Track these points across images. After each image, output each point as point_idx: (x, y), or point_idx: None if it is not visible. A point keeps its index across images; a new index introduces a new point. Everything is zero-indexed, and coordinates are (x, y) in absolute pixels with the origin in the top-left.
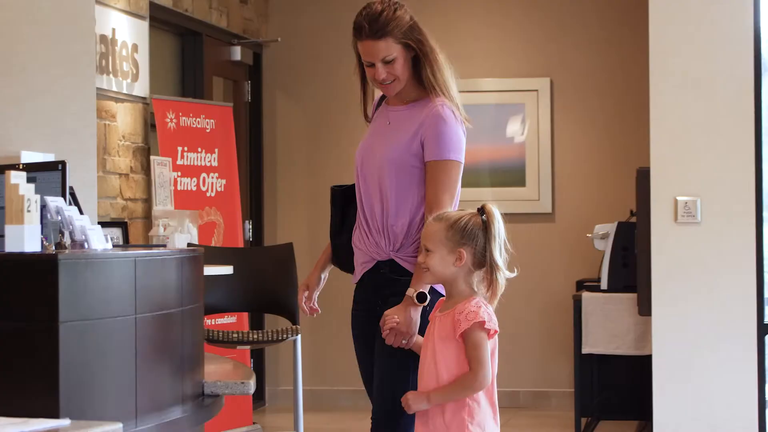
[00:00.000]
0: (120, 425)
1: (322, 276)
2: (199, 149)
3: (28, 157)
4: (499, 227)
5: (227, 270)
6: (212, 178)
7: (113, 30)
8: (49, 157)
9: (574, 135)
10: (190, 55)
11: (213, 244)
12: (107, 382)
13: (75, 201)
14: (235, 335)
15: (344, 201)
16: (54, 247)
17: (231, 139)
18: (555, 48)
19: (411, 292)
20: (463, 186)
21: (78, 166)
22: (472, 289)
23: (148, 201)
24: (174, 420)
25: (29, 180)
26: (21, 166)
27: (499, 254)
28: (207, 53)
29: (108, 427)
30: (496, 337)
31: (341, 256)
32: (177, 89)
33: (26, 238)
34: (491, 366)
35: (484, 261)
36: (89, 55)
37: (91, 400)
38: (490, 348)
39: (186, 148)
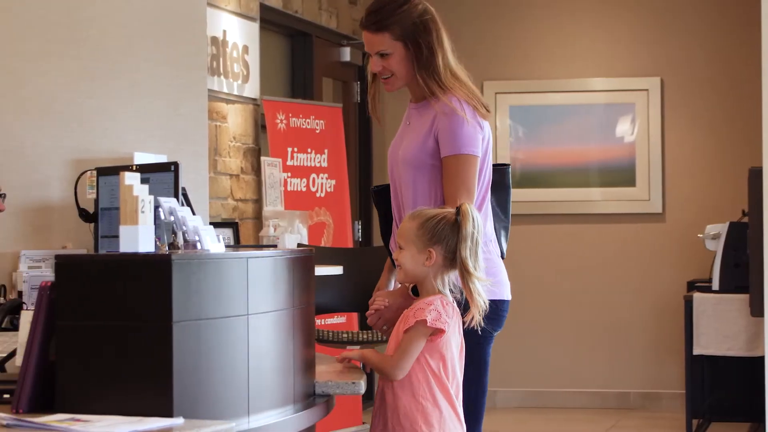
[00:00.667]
0: (233, 424)
1: (392, 278)
2: (309, 150)
3: (141, 158)
4: (472, 230)
5: (337, 270)
6: (322, 178)
7: (224, 32)
8: (162, 158)
9: (684, 134)
10: (299, 56)
11: (323, 245)
12: (220, 382)
13: (187, 202)
14: (345, 335)
15: (385, 202)
16: (167, 248)
17: (340, 139)
18: (665, 47)
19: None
20: (572, 186)
21: (189, 166)
22: (438, 290)
23: (258, 202)
24: (286, 420)
25: (143, 181)
26: (134, 167)
27: (470, 257)
28: (316, 54)
29: (220, 426)
30: (447, 341)
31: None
32: (287, 90)
33: (140, 239)
34: (441, 371)
35: (455, 262)
36: (201, 56)
37: (204, 400)
38: (440, 353)
39: (296, 149)
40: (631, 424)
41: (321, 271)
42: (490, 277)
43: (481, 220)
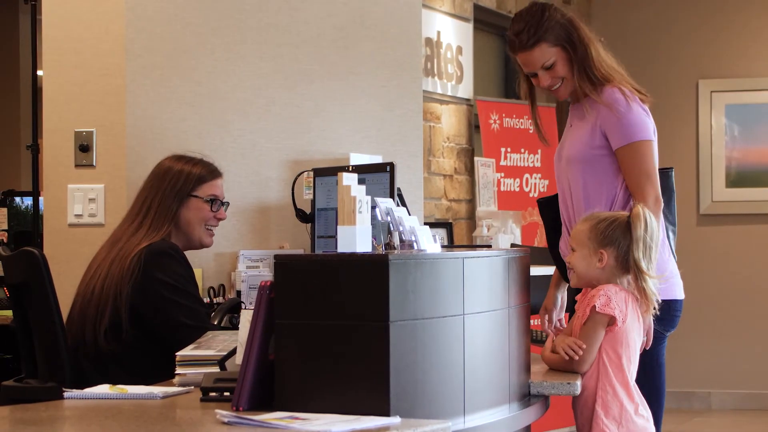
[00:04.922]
0: (449, 424)
1: (558, 296)
2: (522, 150)
3: (357, 159)
4: (642, 233)
5: (551, 270)
6: (535, 178)
7: (438, 33)
8: (377, 159)
9: None
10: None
11: (536, 245)
12: (435, 381)
13: (402, 202)
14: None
15: (553, 212)
16: (383, 248)
17: (554, 139)
18: None
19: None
20: None
21: (404, 167)
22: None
23: (471, 202)
24: (501, 420)
25: (359, 181)
26: (351, 168)
27: (643, 258)
28: None
29: (437, 426)
30: (626, 330)
31: (560, 267)
32: (500, 90)
33: (358, 239)
34: (622, 361)
35: (628, 266)
36: (416, 57)
37: (420, 399)
38: (621, 340)
39: (509, 149)
40: None
41: (535, 271)
42: (664, 277)
43: (655, 223)
